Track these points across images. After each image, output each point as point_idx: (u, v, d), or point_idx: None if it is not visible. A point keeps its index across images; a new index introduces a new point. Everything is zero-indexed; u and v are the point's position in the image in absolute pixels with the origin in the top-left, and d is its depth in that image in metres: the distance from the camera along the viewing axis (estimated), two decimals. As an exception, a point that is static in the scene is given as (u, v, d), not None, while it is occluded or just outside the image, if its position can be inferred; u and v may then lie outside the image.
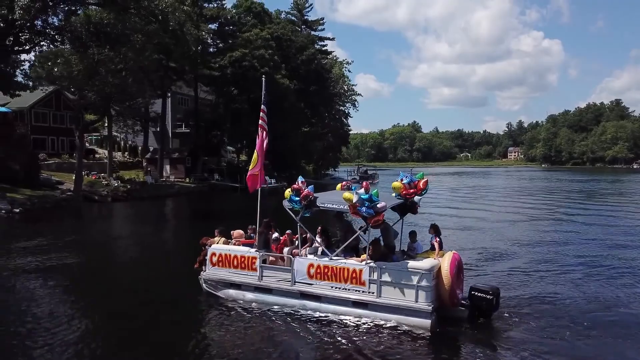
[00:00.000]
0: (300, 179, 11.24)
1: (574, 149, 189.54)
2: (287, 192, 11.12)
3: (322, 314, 10.61)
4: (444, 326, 9.99)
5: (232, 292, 11.81)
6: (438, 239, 11.05)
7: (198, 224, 12.53)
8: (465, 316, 10.43)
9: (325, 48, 78.63)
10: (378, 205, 10.16)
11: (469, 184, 73.51)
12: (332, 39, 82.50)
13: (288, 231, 12.23)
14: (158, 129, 58.50)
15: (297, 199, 10.84)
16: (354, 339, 9.57)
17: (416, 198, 11.11)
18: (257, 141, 12.18)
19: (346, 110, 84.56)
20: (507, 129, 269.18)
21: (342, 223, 12.22)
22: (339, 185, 12.41)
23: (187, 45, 38.64)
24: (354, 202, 10.18)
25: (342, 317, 10.41)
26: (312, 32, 77.08)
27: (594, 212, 32.50)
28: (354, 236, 11.13)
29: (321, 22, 79.32)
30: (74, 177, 41.21)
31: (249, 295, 11.57)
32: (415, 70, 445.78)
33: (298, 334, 9.86)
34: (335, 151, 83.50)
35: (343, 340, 9.45)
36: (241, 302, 11.54)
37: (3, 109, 43.47)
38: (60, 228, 26.10)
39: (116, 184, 43.11)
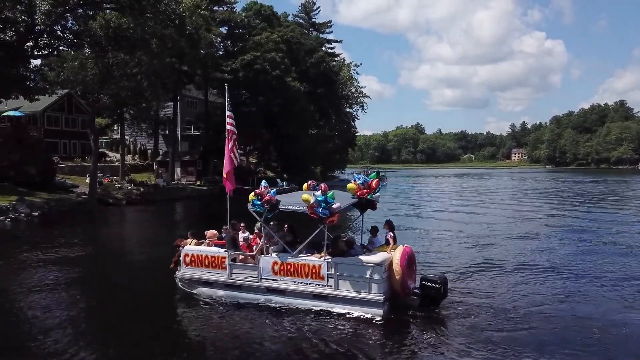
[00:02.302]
0: (263, 183, 12.10)
1: (578, 150, 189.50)
2: (251, 197, 11.84)
3: (287, 307, 11.50)
4: (396, 314, 10.98)
5: (204, 290, 12.65)
6: (392, 234, 11.92)
7: (211, 226, 13.22)
8: (416, 304, 11.37)
9: (332, 50, 78.85)
10: (333, 206, 11.01)
11: (472, 185, 73.53)
12: (340, 42, 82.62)
13: (256, 230, 12.91)
14: (167, 132, 58.70)
15: (260, 202, 11.67)
16: (315, 328, 10.39)
17: (375, 195, 11.99)
18: (226, 146, 13.18)
19: (354, 113, 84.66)
20: (510, 130, 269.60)
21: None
22: (305, 185, 13.15)
23: (201, 48, 38.75)
24: (311, 203, 10.98)
25: (304, 309, 11.33)
26: (320, 35, 77.29)
27: (586, 215, 32.02)
28: (312, 235, 11.81)
29: (329, 24, 79.60)
30: (87, 180, 41.46)
31: (220, 292, 12.42)
32: (417, 72, 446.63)
33: (265, 326, 10.69)
34: (342, 153, 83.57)
35: (305, 330, 10.28)
36: (213, 298, 12.33)
37: (16, 113, 43.71)
38: (80, 231, 26.16)
39: (129, 187, 43.29)
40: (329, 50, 77.65)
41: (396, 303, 11.18)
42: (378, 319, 10.65)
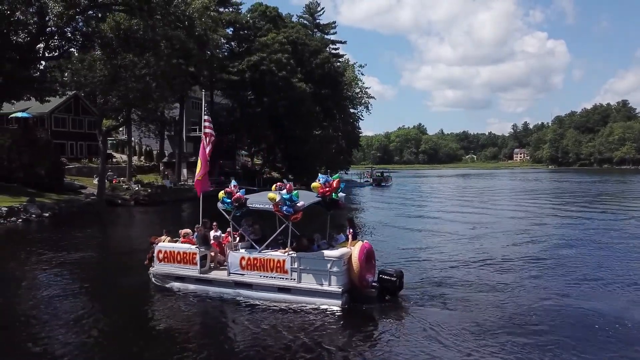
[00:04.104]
0: (233, 182, 12.86)
1: (581, 150, 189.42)
2: (221, 195, 12.51)
3: (253, 300, 12.15)
4: (355, 305, 11.68)
5: (177, 284, 13.27)
6: (352, 231, 12.71)
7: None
8: (374, 296, 12.06)
9: (337, 51, 78.96)
10: (297, 204, 11.68)
11: (472, 185, 73.57)
12: (344, 43, 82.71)
13: (228, 229, 13.44)
14: (172, 133, 58.81)
15: (229, 201, 12.32)
16: (279, 319, 11.10)
17: (340, 195, 12.68)
18: (200, 149, 13.67)
19: (358, 114, 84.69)
20: (512, 131, 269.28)
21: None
22: (274, 186, 13.58)
23: (210, 50, 38.82)
24: (276, 201, 11.59)
25: (269, 301, 11.98)
26: (324, 36, 77.43)
27: (573, 215, 32.14)
28: (277, 231, 12.54)
29: (333, 25, 79.75)
30: (94, 181, 41.62)
31: (191, 287, 13.07)
32: (419, 73, 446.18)
33: (233, 318, 11.35)
34: (346, 154, 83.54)
35: (269, 321, 10.98)
36: (185, 292, 12.96)
37: (24, 115, 43.92)
38: (91, 232, 26.37)
39: (137, 188, 43.44)
40: (333, 51, 77.80)
41: (355, 295, 11.87)
42: (337, 309, 11.37)
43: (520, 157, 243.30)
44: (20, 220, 28.39)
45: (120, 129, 54.51)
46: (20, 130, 40.15)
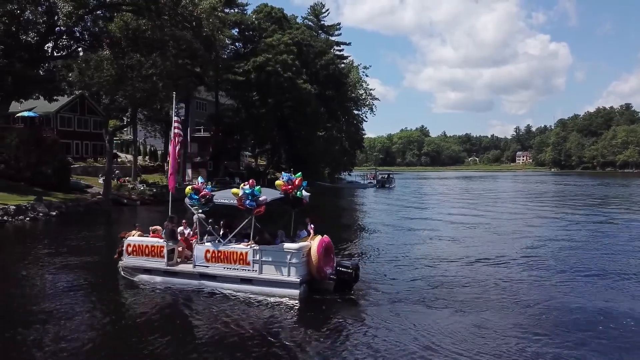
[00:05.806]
0: (199, 179, 13.55)
1: (583, 153, 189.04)
2: (188, 190, 13.17)
3: (217, 290, 12.68)
4: (313, 294, 12.40)
5: (144, 277, 13.75)
6: (312, 226, 13.43)
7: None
8: (332, 288, 12.72)
9: (341, 53, 79.14)
10: (260, 199, 12.25)
11: (471, 187, 73.57)
12: (349, 44, 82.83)
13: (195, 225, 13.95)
14: (177, 134, 58.97)
15: (197, 197, 12.94)
16: (241, 308, 11.70)
17: (305, 194, 13.25)
18: (170, 148, 14.32)
19: (362, 115, 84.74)
20: (515, 133, 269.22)
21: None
22: (242, 184, 14.00)
23: (216, 50, 38.99)
24: (239, 196, 12.24)
25: (232, 291, 12.53)
26: (329, 37, 77.59)
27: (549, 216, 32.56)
28: (241, 225, 13.08)
29: (337, 27, 79.89)
30: (100, 181, 41.74)
31: (158, 279, 13.53)
32: (421, 74, 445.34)
33: (198, 308, 11.80)
34: (349, 155, 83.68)
35: (232, 310, 11.54)
36: (152, 284, 13.39)
37: (30, 114, 44.11)
38: (98, 230, 26.50)
39: (142, 188, 43.57)
40: (338, 53, 77.94)
41: (314, 286, 12.54)
42: (295, 299, 11.99)
43: (523, 160, 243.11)
44: (28, 218, 28.53)
45: (125, 128, 54.64)
46: (26, 129, 40.30)
